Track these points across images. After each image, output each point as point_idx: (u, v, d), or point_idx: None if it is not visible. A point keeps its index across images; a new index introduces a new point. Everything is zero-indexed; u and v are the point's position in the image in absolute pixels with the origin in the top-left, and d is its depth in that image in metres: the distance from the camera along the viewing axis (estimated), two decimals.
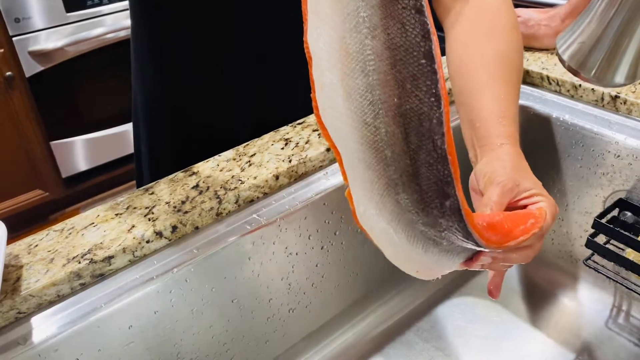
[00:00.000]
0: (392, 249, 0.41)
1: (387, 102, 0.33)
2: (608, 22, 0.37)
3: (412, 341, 0.73)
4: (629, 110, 0.71)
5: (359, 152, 0.35)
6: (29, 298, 0.49)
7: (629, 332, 0.72)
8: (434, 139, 0.33)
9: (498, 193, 0.51)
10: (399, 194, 0.36)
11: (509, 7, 0.65)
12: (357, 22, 0.31)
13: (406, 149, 0.34)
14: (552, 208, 0.51)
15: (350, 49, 0.32)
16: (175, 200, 0.59)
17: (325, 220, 0.65)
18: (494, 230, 0.42)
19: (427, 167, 0.34)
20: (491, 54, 0.61)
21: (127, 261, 0.54)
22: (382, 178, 0.36)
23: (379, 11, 0.31)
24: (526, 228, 0.44)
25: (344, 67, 0.33)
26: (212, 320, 0.59)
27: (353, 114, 0.34)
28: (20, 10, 1.81)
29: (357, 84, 0.33)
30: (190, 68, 0.74)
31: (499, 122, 0.56)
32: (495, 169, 0.53)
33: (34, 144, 1.99)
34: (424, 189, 0.35)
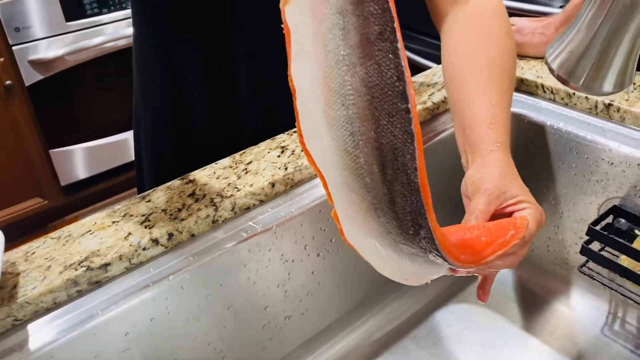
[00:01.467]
0: (379, 262, 0.43)
1: (365, 134, 0.35)
2: (595, 32, 0.37)
3: (408, 348, 0.74)
4: (622, 118, 0.72)
5: (341, 177, 0.38)
6: (26, 305, 0.50)
7: (624, 339, 0.73)
8: (408, 172, 0.35)
9: (484, 202, 0.52)
10: (380, 217, 0.38)
11: (503, 15, 0.66)
12: (338, 59, 0.33)
13: (383, 179, 0.36)
14: (537, 215, 0.51)
15: (331, 84, 0.34)
16: (171, 207, 0.59)
17: (321, 228, 0.65)
18: (469, 249, 0.45)
19: (402, 197, 0.36)
20: (484, 61, 0.62)
21: (124, 268, 0.55)
22: (364, 201, 0.38)
23: (357, 50, 0.33)
24: (505, 241, 0.46)
25: (326, 99, 0.35)
26: (208, 328, 0.59)
27: (335, 142, 0.36)
28: (21, 20, 1.82)
29: (338, 115, 0.35)
30: (194, 75, 0.75)
31: (490, 128, 0.57)
32: (484, 176, 0.54)
33: (34, 152, 2.00)
34: (400, 217, 0.37)
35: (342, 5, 0.32)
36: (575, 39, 0.38)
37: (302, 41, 0.34)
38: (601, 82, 0.38)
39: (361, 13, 0.31)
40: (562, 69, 0.39)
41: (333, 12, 0.32)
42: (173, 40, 0.73)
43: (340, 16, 0.32)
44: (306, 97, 0.36)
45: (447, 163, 0.75)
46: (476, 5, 0.66)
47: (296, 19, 0.34)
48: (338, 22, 0.32)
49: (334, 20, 0.32)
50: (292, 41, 0.34)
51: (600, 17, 0.36)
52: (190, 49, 0.73)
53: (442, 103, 0.78)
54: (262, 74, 0.75)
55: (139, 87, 0.80)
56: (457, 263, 0.41)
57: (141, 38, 0.76)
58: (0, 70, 1.83)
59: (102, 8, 1.96)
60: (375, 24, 0.31)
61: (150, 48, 0.76)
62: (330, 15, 0.32)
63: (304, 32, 0.34)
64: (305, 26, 0.33)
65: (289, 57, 0.35)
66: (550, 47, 0.41)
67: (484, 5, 0.65)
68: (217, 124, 0.78)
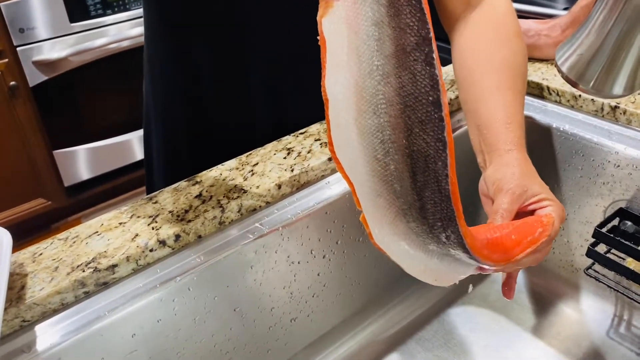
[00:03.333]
0: (408, 263, 0.44)
1: (396, 142, 0.36)
2: (606, 34, 0.37)
3: (413, 350, 0.74)
4: (629, 120, 0.72)
5: (370, 183, 0.38)
6: (34, 306, 0.50)
7: (630, 342, 0.73)
8: (439, 179, 0.36)
9: (508, 200, 0.52)
10: (409, 222, 0.39)
11: (513, 15, 0.66)
12: (371, 69, 0.34)
13: (413, 186, 0.37)
14: (559, 212, 0.52)
15: (364, 93, 0.35)
16: (178, 209, 0.59)
17: (327, 230, 0.65)
18: (499, 248, 0.45)
19: (432, 204, 0.37)
20: (497, 61, 0.62)
21: (131, 270, 0.55)
22: (392, 206, 0.39)
23: (392, 60, 0.33)
24: (534, 238, 0.47)
25: (358, 108, 0.36)
26: (215, 329, 0.59)
27: (365, 150, 0.37)
28: (25, 21, 1.82)
29: (369, 124, 0.36)
30: (207, 76, 0.75)
31: (506, 128, 0.57)
32: (505, 175, 0.54)
33: (37, 153, 2.00)
34: (431, 223, 0.38)
35: (378, 18, 0.33)
36: (586, 41, 0.38)
37: (337, 52, 0.35)
38: (611, 85, 0.38)
39: (397, 25, 0.32)
40: (572, 72, 0.39)
41: (369, 24, 0.33)
42: (185, 41, 0.73)
43: (375, 28, 0.33)
44: (339, 106, 0.37)
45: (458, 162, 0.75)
46: (487, 7, 0.66)
47: (332, 30, 0.34)
48: (373, 34, 0.33)
49: (370, 31, 0.33)
50: (328, 52, 0.35)
51: (611, 20, 0.36)
52: (202, 49, 0.73)
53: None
54: (274, 75, 0.75)
55: (150, 87, 0.81)
56: (488, 262, 0.42)
57: (153, 38, 0.77)
58: (5, 71, 1.84)
59: (106, 9, 1.97)
60: (411, 35, 0.32)
61: (162, 48, 0.76)
62: (366, 27, 0.33)
63: (339, 43, 0.35)
64: (341, 37, 0.34)
65: (324, 68, 0.36)
66: (560, 49, 0.41)
67: (495, 7, 0.66)
68: (229, 124, 0.78)
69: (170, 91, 0.78)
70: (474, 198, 0.62)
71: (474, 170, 0.62)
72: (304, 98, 0.75)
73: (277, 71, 0.75)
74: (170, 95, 0.79)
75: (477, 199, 0.60)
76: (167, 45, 0.75)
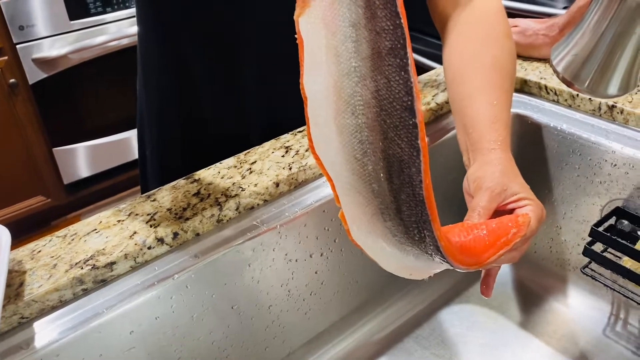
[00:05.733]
0: (384, 260, 0.45)
1: (373, 143, 0.36)
2: (601, 35, 0.37)
3: (411, 348, 0.74)
4: (626, 119, 0.72)
5: (350, 180, 0.39)
6: (32, 303, 0.50)
7: (626, 340, 0.73)
8: (413, 184, 0.36)
9: (486, 199, 0.53)
10: (386, 221, 0.39)
11: (503, 16, 0.67)
12: (349, 70, 0.34)
13: (390, 188, 0.37)
14: (538, 212, 0.53)
15: (342, 93, 0.35)
16: (176, 207, 0.60)
17: (325, 228, 0.66)
18: (472, 250, 0.46)
19: (407, 207, 0.37)
20: (485, 62, 0.62)
21: (129, 267, 0.55)
22: (371, 205, 0.39)
23: (368, 63, 0.34)
24: (507, 240, 0.48)
25: (336, 108, 0.36)
26: (212, 326, 0.60)
27: (344, 148, 0.37)
28: (25, 18, 1.82)
29: (347, 123, 0.36)
30: (200, 74, 0.75)
31: (491, 127, 0.58)
32: (485, 174, 0.55)
33: (37, 150, 2.00)
34: (406, 224, 0.39)
35: (355, 19, 0.33)
36: (581, 42, 0.38)
37: (315, 51, 0.35)
38: (606, 85, 0.39)
39: (373, 28, 0.32)
40: (567, 72, 0.40)
41: (346, 25, 0.33)
42: (178, 39, 0.74)
43: (353, 29, 0.33)
44: (317, 104, 0.37)
45: (451, 163, 0.76)
46: (477, 8, 0.66)
47: (310, 29, 0.35)
48: (351, 35, 0.33)
49: (347, 32, 0.33)
50: (305, 51, 0.35)
51: (605, 21, 0.37)
52: (196, 47, 0.74)
53: (446, 104, 0.78)
54: (267, 73, 0.75)
55: (144, 86, 0.81)
56: (462, 266, 0.43)
57: (146, 36, 0.77)
58: (4, 69, 1.84)
59: (106, 7, 1.97)
60: (386, 39, 0.32)
61: (156, 47, 0.76)
62: (344, 28, 0.33)
63: (317, 43, 0.35)
64: (319, 37, 0.34)
65: (302, 67, 0.36)
66: (555, 49, 0.41)
67: (485, 8, 0.66)
68: (223, 123, 0.78)
69: (162, 90, 0.78)
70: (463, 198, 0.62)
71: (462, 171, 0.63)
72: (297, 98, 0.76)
73: (270, 71, 0.75)
74: (161, 93, 0.79)
75: None
76: (159, 42, 0.76)
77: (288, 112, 0.78)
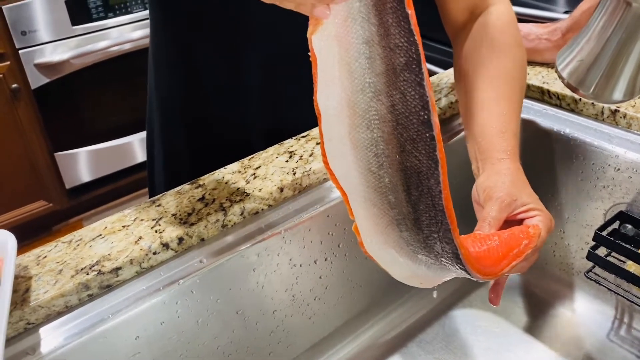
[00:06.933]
0: (397, 270, 0.45)
1: (390, 156, 0.36)
2: (606, 41, 0.38)
3: (414, 353, 0.74)
4: (629, 124, 0.72)
5: (364, 193, 0.39)
6: (38, 309, 0.50)
7: (630, 344, 0.73)
8: (433, 195, 0.36)
9: (496, 209, 0.53)
10: (402, 231, 0.40)
11: (514, 25, 0.67)
12: (364, 86, 0.35)
13: (407, 199, 0.37)
14: (547, 222, 0.53)
15: (356, 108, 0.36)
16: (181, 212, 0.60)
17: (329, 232, 0.66)
18: (487, 261, 0.47)
19: (427, 216, 0.38)
20: (495, 71, 0.63)
21: (134, 272, 0.55)
22: (386, 216, 0.39)
23: (383, 79, 0.34)
24: (519, 251, 0.49)
25: (351, 123, 0.36)
26: (217, 331, 0.60)
27: (359, 162, 0.38)
28: (27, 24, 1.83)
29: (362, 138, 0.37)
30: (208, 72, 0.75)
31: (500, 137, 0.58)
32: (495, 184, 0.55)
33: (39, 155, 2.00)
34: (426, 234, 0.39)
35: (368, 36, 0.33)
36: (586, 47, 0.39)
37: (328, 68, 0.35)
38: (611, 91, 0.39)
39: (387, 44, 0.33)
40: (573, 77, 0.40)
41: (360, 42, 0.33)
42: (188, 41, 0.74)
43: (366, 46, 0.33)
44: (331, 120, 0.37)
45: (455, 169, 0.76)
46: (489, 15, 0.66)
47: (323, 47, 0.35)
48: (364, 52, 0.34)
49: (361, 49, 0.34)
50: (319, 68, 0.36)
51: (610, 27, 0.37)
52: (204, 50, 0.74)
53: (449, 108, 0.79)
54: (272, 77, 0.75)
55: (153, 84, 0.81)
56: (479, 275, 0.43)
57: (157, 38, 0.77)
58: (7, 74, 1.84)
59: (108, 12, 1.97)
60: (401, 55, 0.33)
61: (165, 49, 0.76)
62: (357, 45, 0.34)
63: (331, 60, 0.35)
64: (332, 54, 0.35)
65: (315, 83, 0.36)
66: (561, 55, 0.41)
67: (497, 15, 0.66)
68: (228, 127, 0.78)
69: (170, 89, 0.79)
70: None
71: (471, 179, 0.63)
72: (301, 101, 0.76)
73: (275, 73, 0.75)
74: (170, 93, 0.79)
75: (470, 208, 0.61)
76: (168, 45, 0.76)
77: (292, 114, 0.78)
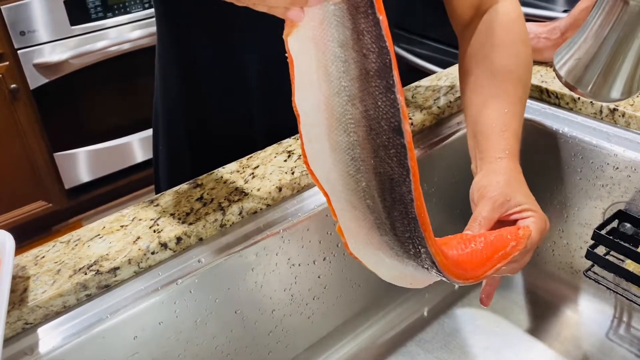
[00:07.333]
0: (384, 271, 0.45)
1: (365, 161, 0.36)
2: (603, 39, 0.38)
3: (414, 352, 0.74)
4: (628, 123, 0.72)
5: (345, 195, 0.39)
6: (36, 309, 0.50)
7: (629, 343, 0.73)
8: (405, 203, 0.36)
9: (488, 209, 0.52)
10: (382, 235, 0.40)
11: (521, 22, 0.67)
12: (339, 89, 0.35)
13: (383, 205, 0.38)
14: (541, 224, 0.52)
15: (334, 111, 0.36)
16: (179, 212, 0.60)
17: (328, 232, 0.66)
18: (469, 264, 0.46)
19: (401, 224, 0.38)
20: (498, 69, 0.62)
21: (133, 272, 0.55)
22: (367, 219, 0.40)
23: (356, 84, 0.34)
24: (505, 253, 0.48)
25: (329, 125, 0.37)
26: (216, 331, 0.60)
27: (338, 164, 0.38)
28: (26, 24, 1.83)
29: (340, 140, 0.37)
30: (207, 74, 0.75)
31: (500, 136, 0.58)
32: (490, 183, 0.54)
33: (38, 155, 2.00)
34: (401, 239, 0.39)
35: (343, 40, 0.33)
36: (583, 46, 0.39)
37: (306, 70, 0.35)
38: (609, 89, 0.39)
39: (360, 49, 0.33)
40: (570, 76, 0.40)
41: (335, 45, 0.33)
42: (189, 34, 0.74)
43: (341, 49, 0.33)
44: (310, 121, 0.37)
45: (453, 168, 0.76)
46: (495, 12, 0.66)
47: (299, 49, 0.35)
48: (340, 55, 0.34)
49: (336, 52, 0.34)
50: (296, 70, 0.35)
51: (608, 25, 0.37)
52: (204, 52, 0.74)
53: (448, 107, 0.78)
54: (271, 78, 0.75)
55: (158, 84, 0.81)
56: (460, 281, 0.43)
57: (161, 33, 0.77)
58: (6, 74, 1.84)
59: (107, 12, 1.97)
60: (372, 60, 0.33)
61: (169, 48, 0.77)
62: (333, 48, 0.34)
63: (308, 62, 0.35)
64: (309, 56, 0.35)
65: (293, 85, 0.36)
66: (558, 53, 0.41)
67: (503, 13, 0.66)
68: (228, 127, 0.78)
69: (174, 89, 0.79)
70: None
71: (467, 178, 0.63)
72: None
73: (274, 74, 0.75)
74: (174, 93, 0.79)
75: None
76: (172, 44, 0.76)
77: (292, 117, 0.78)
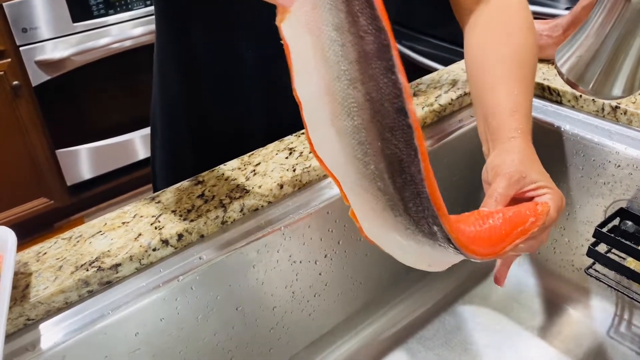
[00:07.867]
0: (401, 253, 0.44)
1: (372, 144, 0.36)
2: (605, 36, 0.37)
3: (414, 349, 0.74)
4: (629, 120, 0.72)
5: (355, 179, 0.39)
6: (38, 305, 0.50)
7: (630, 341, 0.73)
8: (416, 183, 0.36)
9: (504, 185, 0.52)
10: (396, 216, 0.39)
11: (525, 8, 0.67)
12: (339, 73, 0.34)
13: (394, 186, 0.37)
14: (557, 201, 0.52)
15: (336, 96, 0.35)
16: (181, 208, 0.60)
17: (329, 229, 0.66)
18: (487, 241, 0.45)
19: (414, 203, 0.37)
20: (506, 52, 0.62)
21: (134, 269, 0.55)
22: (380, 201, 0.39)
23: (356, 66, 0.33)
24: (524, 229, 0.47)
25: (332, 110, 0.36)
26: (217, 328, 0.60)
27: (345, 149, 0.37)
28: (28, 21, 1.83)
29: (345, 125, 0.36)
30: (207, 69, 0.75)
31: (511, 116, 0.57)
32: (504, 161, 0.54)
33: (40, 152, 2.00)
34: (415, 220, 0.38)
35: (337, 23, 0.32)
36: (585, 43, 0.39)
37: (303, 56, 0.35)
38: (610, 87, 0.39)
39: (356, 31, 0.32)
40: (572, 73, 0.40)
41: (330, 29, 0.33)
42: (189, 31, 0.74)
43: (337, 33, 0.33)
44: (312, 108, 0.37)
45: (454, 165, 0.76)
46: (499, 1, 0.66)
47: (294, 35, 0.34)
48: (336, 39, 0.33)
49: (332, 36, 0.33)
50: (292, 56, 0.35)
51: (609, 23, 0.37)
52: (204, 47, 0.74)
53: (449, 105, 0.78)
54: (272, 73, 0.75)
55: (157, 82, 0.81)
56: (476, 256, 0.42)
57: (160, 31, 0.77)
58: (8, 71, 1.84)
59: (109, 9, 1.97)
60: (370, 42, 0.32)
61: (168, 44, 0.77)
62: (328, 32, 0.33)
63: (304, 47, 0.34)
64: (304, 42, 0.34)
65: (291, 71, 0.36)
66: (560, 51, 0.41)
67: (507, 1, 0.66)
68: (228, 123, 0.79)
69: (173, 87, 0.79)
70: (476, 196, 0.62)
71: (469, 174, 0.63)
72: None
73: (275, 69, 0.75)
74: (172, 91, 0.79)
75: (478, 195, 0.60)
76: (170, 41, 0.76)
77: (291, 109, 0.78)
